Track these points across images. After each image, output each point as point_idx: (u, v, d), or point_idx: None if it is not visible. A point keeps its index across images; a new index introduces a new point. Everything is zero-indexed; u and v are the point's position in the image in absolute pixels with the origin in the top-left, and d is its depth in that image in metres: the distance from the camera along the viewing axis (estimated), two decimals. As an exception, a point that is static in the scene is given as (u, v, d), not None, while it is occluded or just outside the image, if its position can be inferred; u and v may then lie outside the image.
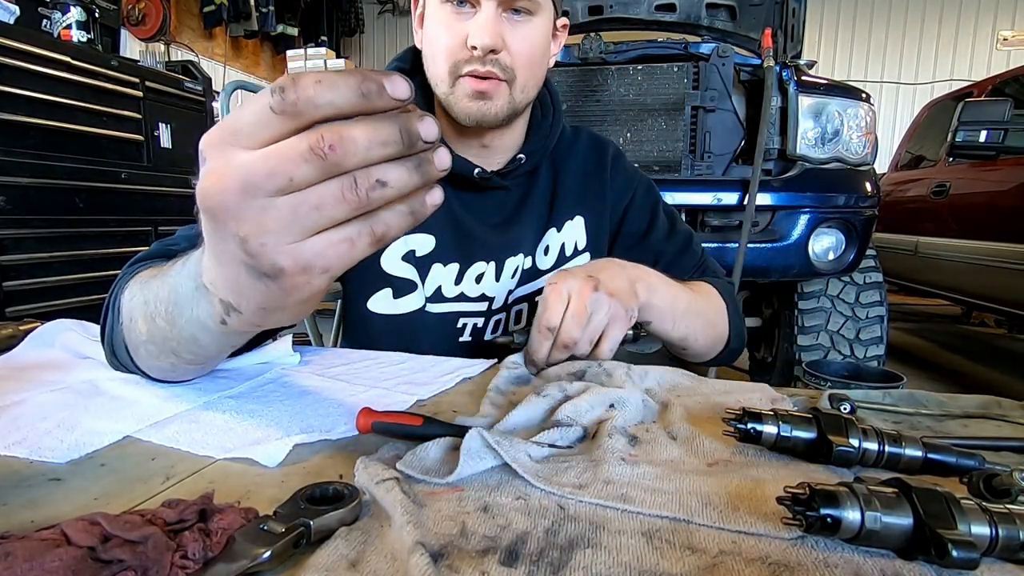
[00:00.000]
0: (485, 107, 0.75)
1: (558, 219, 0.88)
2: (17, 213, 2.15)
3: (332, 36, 7.03)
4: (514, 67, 0.74)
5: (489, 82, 0.73)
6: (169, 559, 0.27)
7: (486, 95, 0.74)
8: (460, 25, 0.72)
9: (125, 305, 0.51)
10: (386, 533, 0.32)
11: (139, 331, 0.48)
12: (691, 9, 2.29)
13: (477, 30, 0.70)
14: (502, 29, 0.72)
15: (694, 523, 0.34)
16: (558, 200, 0.89)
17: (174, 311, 0.43)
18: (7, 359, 0.64)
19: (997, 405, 0.56)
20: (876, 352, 2.19)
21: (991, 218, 2.89)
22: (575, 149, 0.92)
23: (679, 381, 0.62)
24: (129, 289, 0.51)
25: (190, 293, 0.40)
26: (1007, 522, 0.30)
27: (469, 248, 0.84)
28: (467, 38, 0.71)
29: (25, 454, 0.41)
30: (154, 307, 0.45)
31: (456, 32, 0.72)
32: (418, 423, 0.45)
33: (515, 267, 0.86)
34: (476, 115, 0.75)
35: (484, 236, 0.84)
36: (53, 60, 2.26)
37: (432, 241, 0.82)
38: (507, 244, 0.86)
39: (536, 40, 0.75)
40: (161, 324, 0.45)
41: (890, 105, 7.03)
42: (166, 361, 0.50)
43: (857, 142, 2.02)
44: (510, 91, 0.75)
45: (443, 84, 0.75)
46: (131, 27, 4.80)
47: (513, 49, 0.73)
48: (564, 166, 0.90)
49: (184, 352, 0.47)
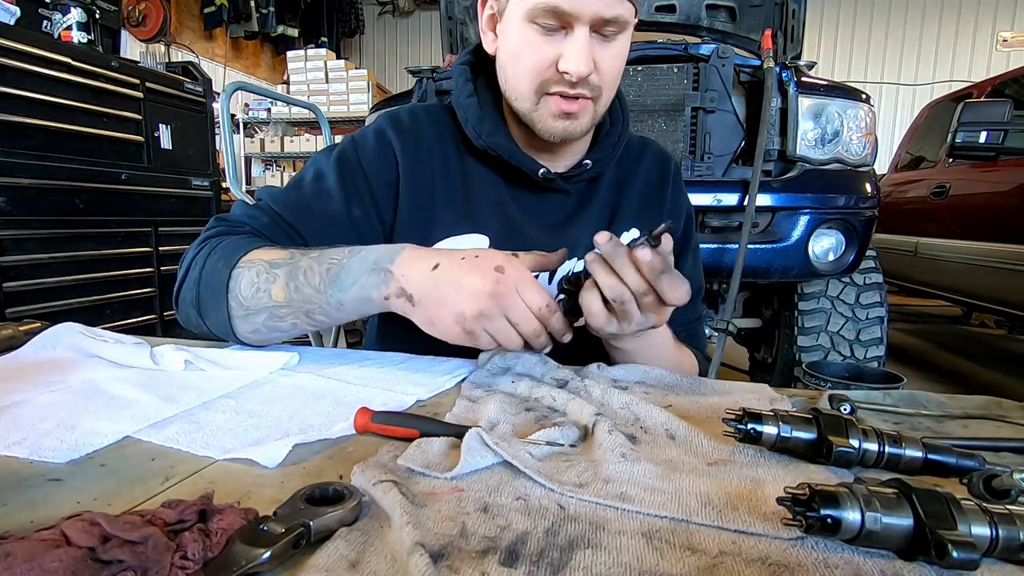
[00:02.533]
0: (571, 126, 0.74)
1: (617, 229, 0.87)
2: (17, 214, 2.15)
3: (332, 37, 7.04)
4: (602, 86, 0.73)
5: (578, 103, 0.73)
6: (169, 559, 0.27)
7: (573, 116, 0.73)
8: (549, 47, 0.70)
9: (247, 279, 0.64)
10: (386, 533, 0.32)
11: (270, 299, 0.64)
12: (691, 10, 2.29)
13: (572, 58, 0.68)
14: (594, 51, 0.70)
15: (694, 523, 0.34)
16: (620, 210, 0.88)
17: (333, 282, 0.62)
18: (7, 359, 0.64)
19: (997, 406, 0.56)
20: (876, 353, 2.19)
21: (991, 219, 2.89)
22: (642, 161, 0.91)
23: (678, 381, 0.62)
24: (249, 268, 0.65)
25: (363, 270, 0.61)
26: (1007, 523, 0.30)
27: (523, 249, 0.82)
28: (557, 61, 0.69)
29: (25, 454, 0.41)
30: (302, 279, 0.63)
31: (544, 54, 0.70)
32: (416, 423, 0.46)
33: (568, 271, 0.84)
34: (561, 134, 0.75)
35: (538, 238, 0.82)
36: (53, 61, 2.26)
37: (485, 241, 0.81)
38: (561, 247, 0.86)
39: (623, 56, 0.74)
40: (308, 292, 0.63)
41: (890, 106, 7.03)
42: (289, 321, 0.65)
43: (857, 143, 2.02)
44: (594, 107, 0.75)
45: (526, 101, 0.75)
46: (131, 28, 4.81)
47: (602, 69, 0.71)
48: (630, 177, 0.90)
49: (318, 314, 0.64)
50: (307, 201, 0.78)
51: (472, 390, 0.57)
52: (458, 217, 0.81)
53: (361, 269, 0.61)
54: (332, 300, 0.62)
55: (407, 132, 0.82)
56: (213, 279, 0.66)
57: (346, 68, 5.74)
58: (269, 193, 0.78)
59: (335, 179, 0.78)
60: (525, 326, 0.57)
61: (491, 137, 0.79)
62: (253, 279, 0.64)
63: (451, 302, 0.57)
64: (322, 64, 5.72)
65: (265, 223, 0.75)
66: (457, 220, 0.81)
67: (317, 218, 0.76)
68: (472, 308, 0.56)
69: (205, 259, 0.68)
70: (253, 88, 1.83)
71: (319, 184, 0.79)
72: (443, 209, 0.81)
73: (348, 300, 0.62)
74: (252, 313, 0.65)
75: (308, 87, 5.70)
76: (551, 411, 0.52)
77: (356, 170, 0.80)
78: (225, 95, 1.60)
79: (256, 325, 0.66)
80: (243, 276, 0.65)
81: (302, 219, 0.76)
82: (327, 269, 0.63)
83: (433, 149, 0.83)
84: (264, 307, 0.64)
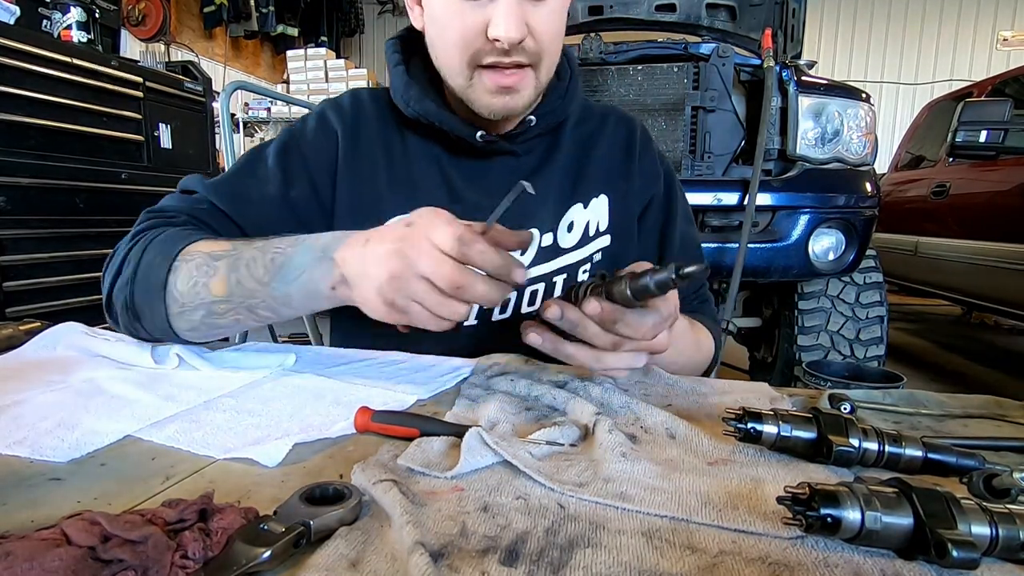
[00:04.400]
0: (512, 101, 0.69)
1: (584, 194, 0.81)
2: (17, 213, 2.15)
3: (332, 36, 7.03)
4: (540, 51, 0.67)
5: (515, 75, 0.67)
6: (169, 559, 0.27)
7: (512, 89, 0.68)
8: (476, 14, 0.64)
9: (184, 274, 0.60)
10: (386, 533, 0.32)
11: (209, 293, 0.59)
12: (691, 9, 2.29)
13: (500, 22, 0.62)
14: (525, 13, 0.63)
15: (694, 522, 0.34)
16: (584, 175, 0.82)
17: (277, 273, 0.56)
18: (8, 359, 0.64)
19: (997, 405, 0.56)
20: (876, 352, 2.19)
21: (991, 218, 2.89)
22: (606, 124, 0.86)
23: (678, 381, 0.62)
24: (188, 262, 0.60)
25: (307, 261, 0.55)
26: (1007, 522, 0.30)
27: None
28: (486, 28, 0.63)
29: (26, 453, 0.41)
30: (244, 271, 0.58)
31: (471, 22, 0.64)
32: (417, 422, 0.46)
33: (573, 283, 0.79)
34: (501, 110, 0.70)
35: (488, 208, 0.77)
36: (53, 60, 2.26)
37: None
38: (512, 217, 0.77)
39: (560, 14, 0.68)
40: (251, 285, 0.58)
41: (890, 105, 7.03)
42: (230, 318, 0.60)
43: (857, 142, 2.02)
44: (536, 76, 0.69)
45: (459, 77, 0.69)
46: (131, 27, 4.80)
47: (538, 32, 0.65)
48: (593, 141, 0.84)
49: (261, 309, 0.59)
50: (241, 186, 0.74)
51: (472, 390, 0.57)
52: (405, 196, 0.76)
53: (307, 258, 0.56)
54: (277, 293, 0.57)
55: (347, 114, 0.79)
56: (149, 276, 0.61)
57: (346, 67, 5.73)
58: (199, 181, 0.74)
59: (273, 161, 0.75)
60: (439, 276, 0.47)
61: (419, 103, 0.74)
62: (191, 273, 0.60)
63: (371, 274, 0.50)
64: (322, 63, 5.71)
65: (201, 210, 0.71)
66: (404, 199, 0.76)
67: (252, 202, 0.73)
68: (383, 273, 0.49)
69: (140, 255, 0.63)
70: (253, 87, 1.83)
71: (255, 168, 0.76)
72: (388, 189, 0.77)
73: (294, 293, 0.57)
74: (189, 310, 0.60)
75: (308, 86, 5.69)
76: (551, 411, 0.52)
77: (294, 152, 0.76)
78: (225, 94, 1.59)
79: (193, 322, 0.61)
80: (181, 270, 0.60)
81: (236, 204, 0.72)
82: (271, 259, 0.57)
83: (374, 129, 0.79)
84: (202, 303, 0.60)
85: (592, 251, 0.82)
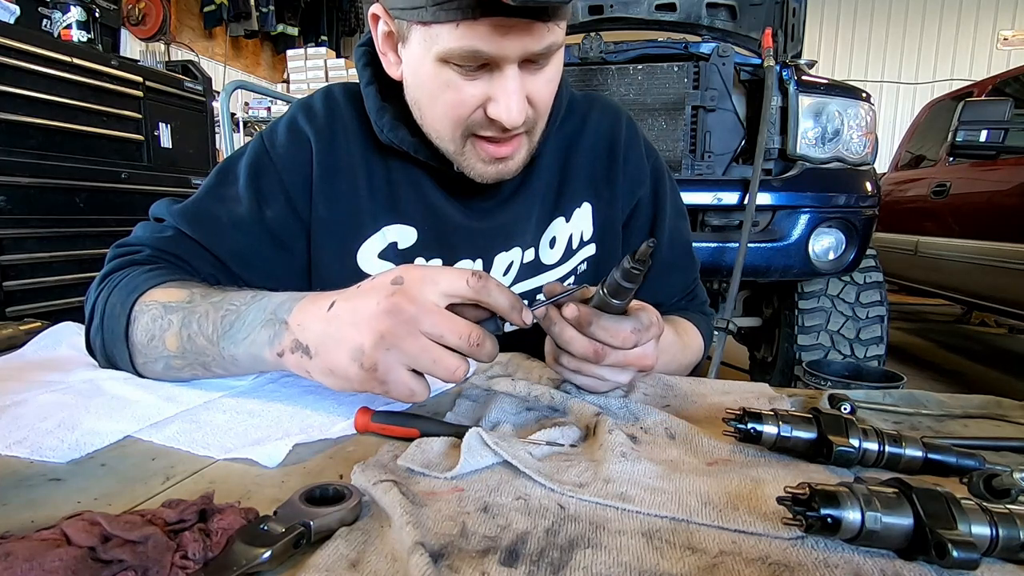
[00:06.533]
0: (505, 168, 0.66)
1: (567, 207, 0.77)
2: (17, 213, 2.15)
3: (332, 36, 7.02)
4: (536, 117, 0.64)
5: (511, 144, 0.64)
6: (169, 559, 0.27)
7: (507, 158, 0.65)
8: (473, 88, 0.59)
9: (142, 325, 0.57)
10: (386, 533, 0.32)
11: (165, 348, 0.56)
12: (691, 9, 2.29)
13: (504, 104, 0.58)
14: (527, 87, 0.59)
15: (694, 523, 0.34)
16: (567, 185, 0.77)
17: (226, 332, 0.52)
18: (8, 359, 0.64)
19: (997, 405, 0.56)
20: (876, 352, 2.19)
21: (991, 218, 2.89)
22: (588, 121, 0.80)
23: (678, 381, 0.62)
24: (144, 312, 0.57)
25: (257, 321, 0.51)
26: (1007, 522, 0.30)
27: (450, 241, 0.74)
28: (483, 103, 0.59)
29: (26, 454, 0.41)
30: (196, 327, 0.54)
31: (468, 96, 0.59)
32: (417, 423, 0.46)
33: (508, 263, 0.76)
34: (494, 177, 0.66)
35: (468, 226, 0.73)
36: (53, 60, 2.26)
37: (414, 233, 0.73)
38: (496, 236, 0.75)
39: (557, 76, 0.64)
40: (201, 343, 0.54)
41: (890, 105, 7.03)
42: (188, 373, 0.57)
43: (857, 142, 2.02)
44: (530, 140, 0.66)
45: (449, 143, 0.65)
46: (131, 27, 4.80)
47: (535, 100, 0.62)
48: (575, 143, 0.79)
49: (215, 367, 0.55)
50: (210, 209, 0.68)
51: (472, 390, 0.57)
52: (384, 207, 0.72)
53: (256, 320, 0.51)
54: (225, 354, 0.53)
55: (320, 119, 0.72)
56: (113, 326, 0.59)
57: (346, 67, 5.73)
58: (167, 208, 0.69)
59: (244, 180, 0.70)
60: (450, 334, 0.44)
61: (393, 132, 0.69)
62: (148, 325, 0.57)
63: (348, 338, 0.44)
64: (322, 63, 5.72)
65: (167, 240, 0.66)
66: (383, 210, 0.72)
67: (222, 227, 0.67)
68: (369, 335, 0.43)
69: (105, 302, 0.61)
70: (253, 87, 1.83)
71: (224, 189, 0.70)
72: (369, 199, 0.72)
73: (241, 356, 0.52)
74: (150, 361, 0.58)
75: (308, 86, 5.69)
76: (552, 411, 0.52)
77: (266, 166, 0.70)
78: (225, 94, 1.60)
79: (158, 372, 0.58)
80: (139, 321, 0.57)
81: (205, 230, 0.67)
82: (222, 317, 0.53)
83: (352, 132, 0.73)
84: (160, 356, 0.56)
85: (576, 263, 0.80)
